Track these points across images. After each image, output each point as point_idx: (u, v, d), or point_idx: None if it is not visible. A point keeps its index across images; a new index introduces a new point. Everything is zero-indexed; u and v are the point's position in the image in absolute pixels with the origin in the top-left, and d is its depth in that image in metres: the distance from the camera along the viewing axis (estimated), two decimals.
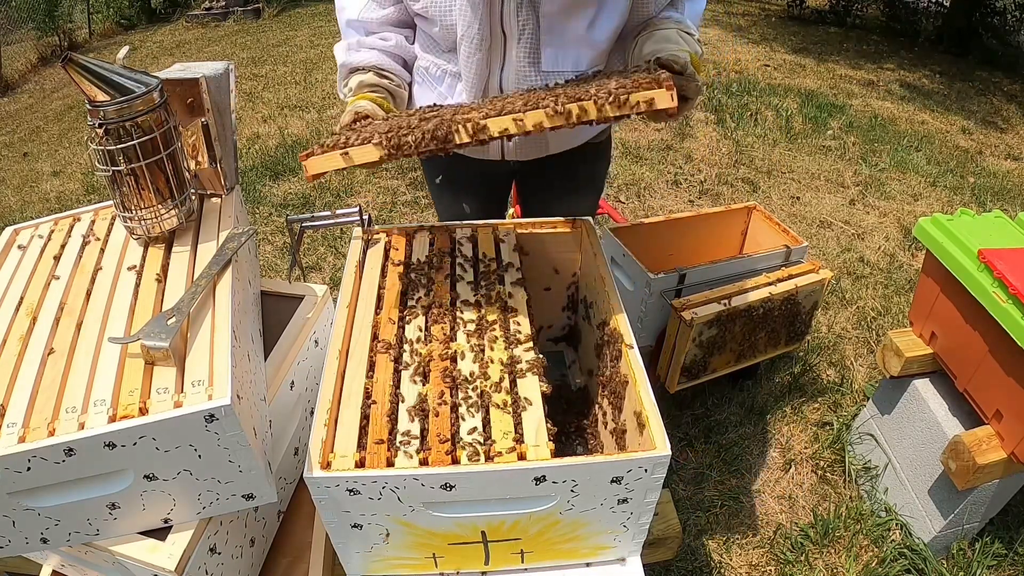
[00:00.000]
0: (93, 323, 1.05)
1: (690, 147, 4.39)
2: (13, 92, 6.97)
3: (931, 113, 5.34)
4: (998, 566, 1.89)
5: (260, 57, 6.57)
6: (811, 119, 4.91)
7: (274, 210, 3.66)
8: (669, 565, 1.87)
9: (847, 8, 8.24)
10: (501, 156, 1.49)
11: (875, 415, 2.13)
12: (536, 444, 0.95)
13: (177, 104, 1.19)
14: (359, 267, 1.27)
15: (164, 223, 1.18)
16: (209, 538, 1.03)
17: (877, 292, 3.05)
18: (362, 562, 1.04)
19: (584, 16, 1.26)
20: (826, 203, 3.83)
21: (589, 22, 1.27)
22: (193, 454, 0.92)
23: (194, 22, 8.52)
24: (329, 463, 0.92)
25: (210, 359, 0.96)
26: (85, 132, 1.99)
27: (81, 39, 8.25)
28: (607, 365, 1.22)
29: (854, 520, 2.02)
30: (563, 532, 1.02)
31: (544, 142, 1.47)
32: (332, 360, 1.06)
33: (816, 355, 2.65)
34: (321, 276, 3.12)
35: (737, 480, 2.16)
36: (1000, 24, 7.60)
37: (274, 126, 4.78)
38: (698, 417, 2.37)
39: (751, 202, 2.57)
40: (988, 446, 1.65)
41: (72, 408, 0.91)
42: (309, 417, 1.38)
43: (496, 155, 1.48)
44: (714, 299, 2.02)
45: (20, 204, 4.13)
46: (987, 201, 3.98)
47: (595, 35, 1.29)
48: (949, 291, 1.77)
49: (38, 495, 0.92)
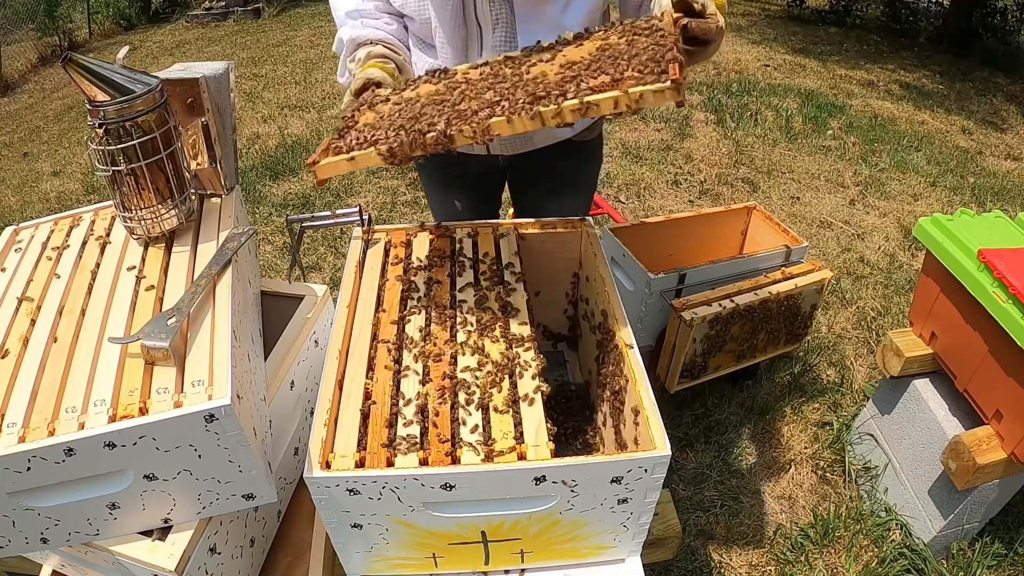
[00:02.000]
0: (93, 323, 1.05)
1: (690, 147, 4.39)
2: (13, 92, 6.97)
3: (931, 113, 5.34)
4: (998, 566, 1.89)
5: (260, 57, 6.57)
6: (811, 119, 4.91)
7: (274, 210, 3.66)
8: (669, 565, 1.87)
9: (847, 8, 8.24)
10: (487, 151, 1.50)
11: (875, 415, 2.13)
12: (536, 444, 0.95)
13: (177, 104, 1.19)
14: (359, 267, 1.27)
15: (164, 223, 1.18)
16: (209, 538, 1.03)
17: (877, 292, 3.05)
18: (362, 562, 1.04)
19: (557, 2, 1.28)
20: (826, 203, 3.83)
21: (563, 6, 1.29)
22: (193, 454, 0.92)
23: (194, 22, 8.52)
24: (329, 463, 0.92)
25: (210, 359, 0.96)
26: (85, 132, 1.99)
27: (81, 39, 8.25)
28: (607, 365, 1.22)
29: (854, 520, 2.02)
30: (563, 532, 1.02)
31: (528, 137, 1.47)
32: (332, 360, 1.06)
33: (816, 355, 2.65)
34: (321, 276, 3.12)
35: (737, 480, 2.16)
36: (1000, 24, 7.60)
37: (274, 126, 4.78)
38: (698, 417, 2.37)
39: (751, 202, 2.57)
40: (988, 446, 1.65)
41: (72, 408, 0.90)
42: (309, 417, 1.38)
43: (482, 150, 1.50)
44: (714, 299, 2.02)
45: (20, 204, 4.13)
46: (987, 201, 3.98)
47: (568, 19, 1.30)
48: (949, 291, 1.77)
49: (38, 495, 0.92)
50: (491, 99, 1.01)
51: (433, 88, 1.12)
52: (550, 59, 1.07)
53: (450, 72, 1.15)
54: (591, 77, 0.98)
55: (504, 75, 1.06)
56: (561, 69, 1.02)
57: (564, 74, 1.01)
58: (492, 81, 1.05)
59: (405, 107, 1.09)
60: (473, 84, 1.07)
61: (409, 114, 1.05)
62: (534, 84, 1.01)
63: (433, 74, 1.16)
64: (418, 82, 1.17)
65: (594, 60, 1.01)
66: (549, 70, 1.04)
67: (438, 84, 1.12)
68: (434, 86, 1.12)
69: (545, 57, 1.08)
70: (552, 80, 1.00)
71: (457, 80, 1.11)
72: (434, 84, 1.13)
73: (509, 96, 1.00)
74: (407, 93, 1.14)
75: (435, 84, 1.13)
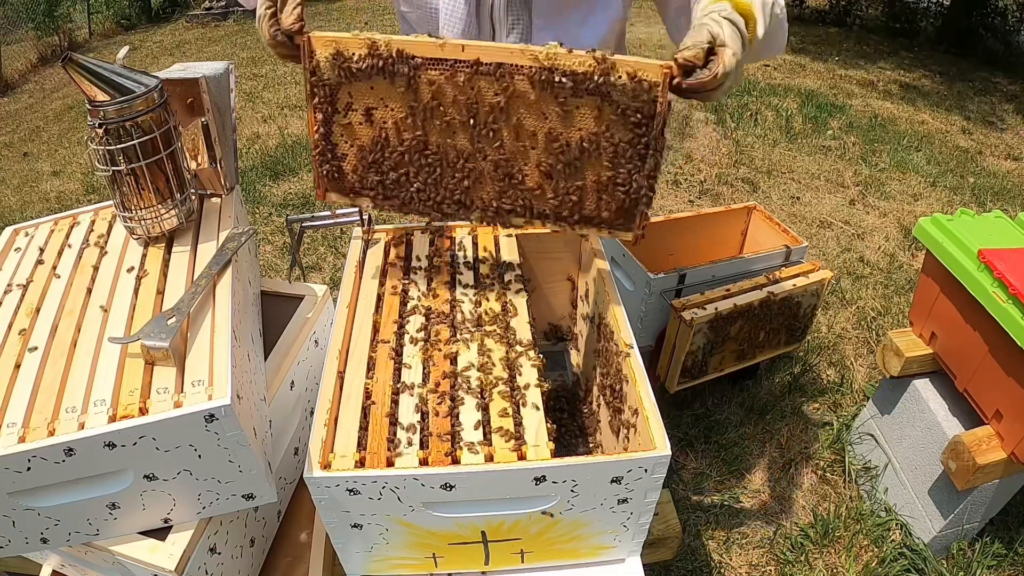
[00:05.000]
0: (93, 323, 1.05)
1: (690, 147, 4.39)
2: (13, 92, 6.97)
3: (931, 113, 5.34)
4: (998, 566, 1.89)
5: (260, 57, 6.56)
6: (811, 119, 4.91)
7: (274, 210, 3.66)
8: (669, 565, 1.87)
9: (847, 8, 8.24)
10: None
11: (875, 415, 2.13)
12: (536, 444, 0.95)
13: (177, 104, 1.19)
14: (359, 267, 1.27)
15: (164, 223, 1.18)
16: (209, 538, 1.03)
17: (877, 292, 3.05)
18: (362, 562, 1.04)
19: (578, 12, 1.27)
20: (826, 203, 3.83)
21: (582, 18, 1.28)
22: (193, 454, 0.92)
23: (194, 22, 8.52)
24: (329, 463, 0.91)
25: (210, 359, 0.96)
26: (85, 132, 1.99)
27: (81, 39, 8.25)
28: (607, 365, 1.22)
29: (854, 520, 2.02)
30: (563, 532, 1.02)
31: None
32: (332, 360, 1.05)
33: (816, 355, 2.65)
34: (321, 276, 3.12)
35: (737, 480, 2.16)
36: (1000, 24, 7.60)
37: (274, 126, 4.78)
38: (698, 417, 2.37)
39: (751, 202, 2.57)
40: (988, 446, 1.65)
41: (72, 408, 0.90)
42: (309, 417, 1.38)
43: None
44: (714, 299, 2.02)
45: (20, 204, 4.13)
46: (987, 201, 3.98)
47: (586, 34, 1.29)
48: (949, 291, 1.77)
49: (38, 495, 0.92)
50: (461, 177, 1.07)
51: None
52: (538, 104, 1.02)
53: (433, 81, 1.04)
54: (565, 193, 1.07)
55: (482, 129, 1.03)
56: (543, 153, 1.04)
57: (540, 165, 1.06)
58: (466, 135, 1.04)
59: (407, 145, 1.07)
60: (450, 126, 1.04)
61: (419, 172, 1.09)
62: (505, 172, 1.06)
63: (432, 64, 1.01)
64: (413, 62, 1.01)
65: (575, 159, 1.04)
66: (530, 144, 1.04)
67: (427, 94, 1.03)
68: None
69: (532, 97, 1.01)
70: (529, 171, 1.06)
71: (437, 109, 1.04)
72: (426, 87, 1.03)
73: (476, 183, 1.08)
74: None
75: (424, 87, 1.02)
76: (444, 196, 1.11)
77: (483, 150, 1.06)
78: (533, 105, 1.01)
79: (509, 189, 1.09)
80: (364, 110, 1.05)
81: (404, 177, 1.10)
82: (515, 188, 1.08)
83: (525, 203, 1.10)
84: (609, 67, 0.96)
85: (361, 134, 1.08)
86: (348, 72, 1.01)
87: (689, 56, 0.92)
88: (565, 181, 1.06)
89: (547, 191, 1.08)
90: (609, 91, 0.97)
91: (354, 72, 1.01)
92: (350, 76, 1.02)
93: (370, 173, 1.10)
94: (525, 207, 1.10)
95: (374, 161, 1.09)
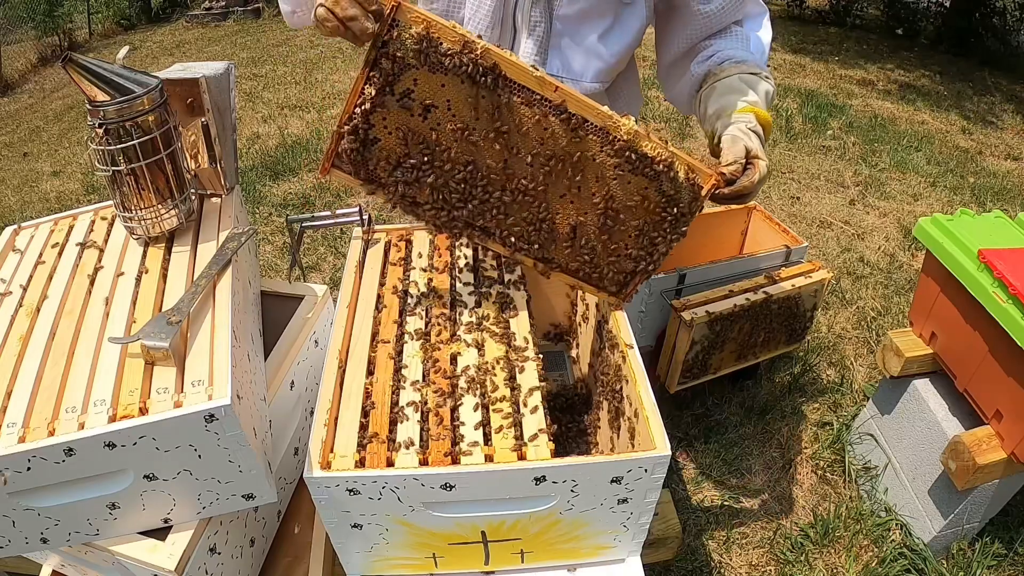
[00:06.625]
0: (93, 323, 1.05)
1: (690, 147, 4.39)
2: (13, 92, 6.98)
3: (931, 113, 5.34)
4: (998, 566, 1.89)
5: (260, 57, 6.56)
6: (811, 119, 4.91)
7: (274, 210, 3.66)
8: (669, 565, 1.87)
9: (847, 8, 8.23)
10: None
11: (875, 415, 2.13)
12: (536, 444, 0.95)
13: (177, 104, 1.19)
14: (359, 267, 1.27)
15: (164, 223, 1.18)
16: (209, 538, 1.03)
17: (877, 292, 3.05)
18: (362, 562, 1.04)
19: (598, 25, 1.27)
20: (826, 203, 3.83)
21: (602, 32, 1.28)
22: (193, 454, 0.92)
23: (194, 22, 8.51)
24: (329, 463, 0.92)
25: (210, 359, 0.96)
26: (85, 132, 1.99)
27: (81, 39, 8.25)
28: (607, 365, 1.22)
29: (854, 520, 2.02)
30: (563, 532, 1.02)
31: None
32: (332, 360, 1.06)
33: (816, 355, 2.65)
34: (321, 276, 3.12)
35: (737, 480, 2.16)
36: (1000, 24, 7.60)
37: (274, 126, 4.78)
38: (698, 417, 2.37)
39: (751, 202, 2.56)
40: (988, 446, 1.65)
41: (72, 408, 0.90)
42: (309, 417, 1.38)
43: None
44: (714, 299, 2.02)
45: (20, 204, 4.13)
46: (987, 201, 3.98)
47: (605, 48, 1.29)
48: (949, 291, 1.77)
49: (38, 495, 0.92)
50: (492, 206, 1.07)
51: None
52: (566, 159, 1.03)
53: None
54: (581, 248, 1.11)
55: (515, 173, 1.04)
56: (581, 208, 1.08)
57: (570, 218, 1.08)
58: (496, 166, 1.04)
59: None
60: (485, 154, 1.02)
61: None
62: (536, 215, 1.08)
63: (478, 74, 0.96)
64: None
65: (607, 224, 1.09)
66: (570, 196, 1.07)
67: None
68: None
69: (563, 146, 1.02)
70: (560, 221, 1.09)
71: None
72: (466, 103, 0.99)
73: (502, 216, 1.09)
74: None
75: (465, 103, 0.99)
76: (463, 217, 1.08)
77: (527, 188, 1.05)
78: (592, 164, 1.04)
79: (532, 231, 1.10)
80: (423, 104, 0.98)
81: (432, 185, 1.04)
82: (539, 231, 1.10)
83: (540, 247, 1.12)
84: (673, 160, 1.04)
85: (408, 126, 0.99)
86: (427, 59, 0.93)
87: (735, 171, 1.08)
88: (587, 239, 1.10)
89: (564, 243, 1.11)
90: (662, 179, 1.05)
91: (434, 62, 0.94)
92: (427, 63, 0.94)
93: (396, 168, 1.02)
94: (539, 251, 1.12)
95: (406, 156, 1.01)
